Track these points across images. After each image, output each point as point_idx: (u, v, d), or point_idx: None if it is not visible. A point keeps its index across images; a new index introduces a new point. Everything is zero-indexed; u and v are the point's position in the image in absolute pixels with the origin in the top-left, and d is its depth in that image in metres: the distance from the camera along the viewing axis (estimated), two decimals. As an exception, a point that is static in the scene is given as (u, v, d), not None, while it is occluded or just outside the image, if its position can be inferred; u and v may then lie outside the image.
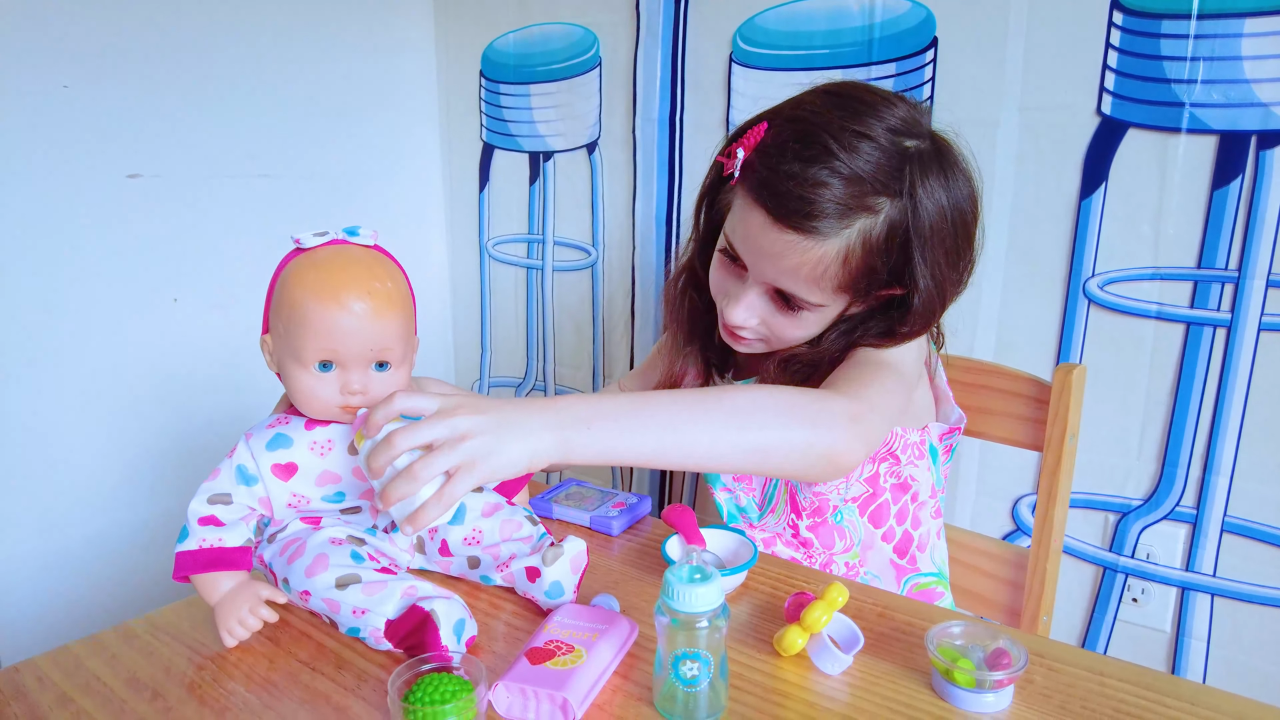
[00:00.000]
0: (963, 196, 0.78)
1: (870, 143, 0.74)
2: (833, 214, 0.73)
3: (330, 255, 0.70)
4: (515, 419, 0.62)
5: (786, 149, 0.75)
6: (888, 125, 0.75)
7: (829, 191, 0.73)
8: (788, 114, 0.79)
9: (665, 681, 0.58)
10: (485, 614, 0.72)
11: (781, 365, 0.84)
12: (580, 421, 0.63)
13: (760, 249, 0.78)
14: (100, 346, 1.26)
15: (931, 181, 0.75)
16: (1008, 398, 0.95)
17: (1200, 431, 1.02)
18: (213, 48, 1.32)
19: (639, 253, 1.47)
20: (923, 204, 0.75)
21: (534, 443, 0.61)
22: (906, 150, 0.75)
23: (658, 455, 0.65)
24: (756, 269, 0.80)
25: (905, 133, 0.75)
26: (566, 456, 0.62)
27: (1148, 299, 1.02)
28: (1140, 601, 1.09)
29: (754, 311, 0.83)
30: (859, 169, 0.73)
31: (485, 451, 0.60)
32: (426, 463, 0.59)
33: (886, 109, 0.76)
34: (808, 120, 0.76)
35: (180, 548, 0.70)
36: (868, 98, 0.77)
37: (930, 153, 0.76)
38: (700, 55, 1.32)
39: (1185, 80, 0.95)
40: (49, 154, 1.18)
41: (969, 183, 0.79)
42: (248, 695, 0.62)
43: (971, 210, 0.79)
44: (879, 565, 0.92)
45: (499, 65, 1.58)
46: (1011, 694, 0.59)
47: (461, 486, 0.60)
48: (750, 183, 0.78)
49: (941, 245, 0.77)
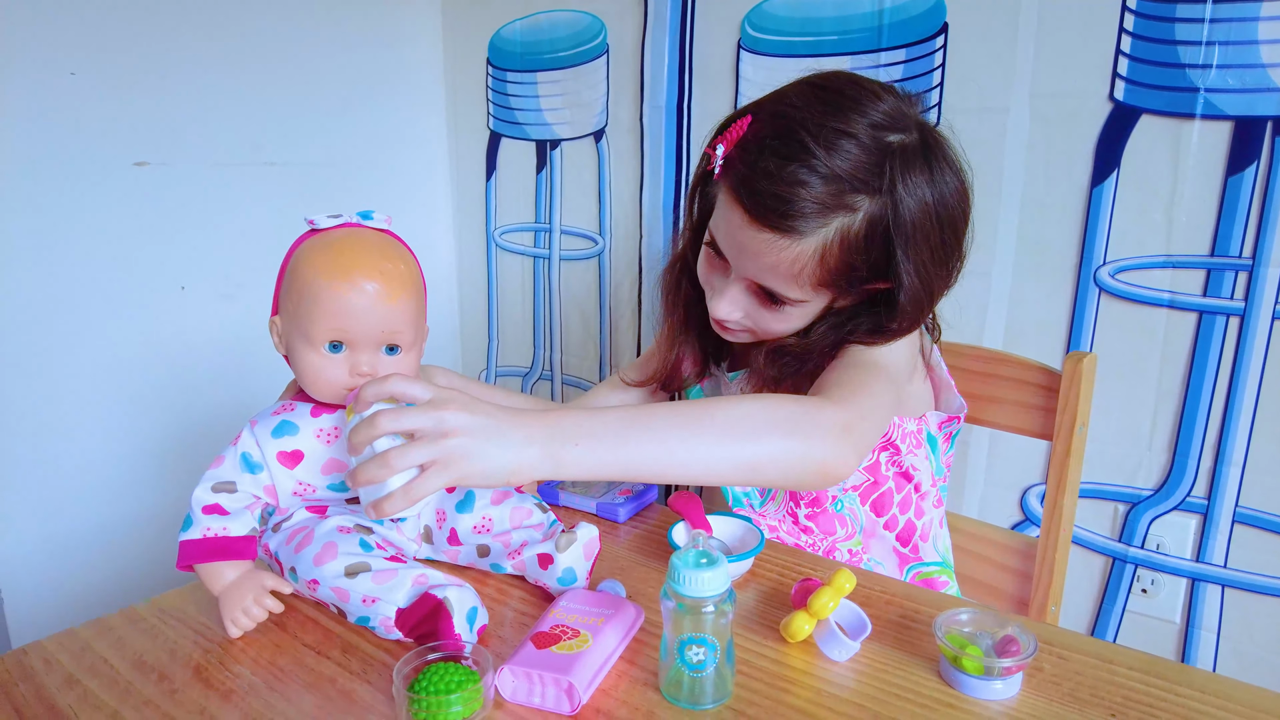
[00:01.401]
0: (949, 191, 0.76)
1: (850, 140, 0.72)
2: (810, 213, 0.73)
3: (343, 236, 0.70)
4: (504, 427, 0.60)
5: (765, 146, 0.74)
6: (871, 121, 0.73)
7: (806, 190, 0.72)
8: (770, 109, 0.78)
9: (671, 667, 0.58)
10: (493, 600, 0.72)
11: (770, 356, 0.84)
12: (570, 437, 0.62)
13: (740, 246, 0.78)
14: (108, 334, 1.26)
15: (915, 177, 0.73)
16: (1017, 386, 0.94)
17: (1212, 421, 1.01)
18: (220, 35, 1.32)
19: (646, 241, 1.46)
20: (904, 201, 0.73)
21: (519, 454, 0.60)
22: (889, 146, 0.73)
23: (649, 470, 0.64)
24: (737, 265, 0.80)
25: (889, 127, 0.74)
26: (555, 471, 0.61)
27: (1160, 287, 1.01)
28: (1150, 592, 1.08)
29: (737, 305, 0.83)
30: (837, 168, 0.72)
31: (464, 453, 0.59)
32: (402, 452, 0.58)
33: (871, 103, 0.74)
34: (788, 117, 0.75)
35: (184, 536, 0.69)
36: (851, 91, 0.75)
37: (915, 147, 0.74)
38: (708, 42, 1.31)
39: (1200, 65, 0.94)
40: (55, 142, 1.18)
41: (957, 176, 0.77)
42: (253, 678, 0.62)
43: (959, 205, 0.77)
44: (881, 553, 0.91)
45: (506, 53, 1.57)
46: (1020, 681, 0.59)
47: (432, 483, 0.58)
48: (730, 180, 0.77)
49: (926, 242, 0.75)
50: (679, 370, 0.96)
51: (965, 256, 0.80)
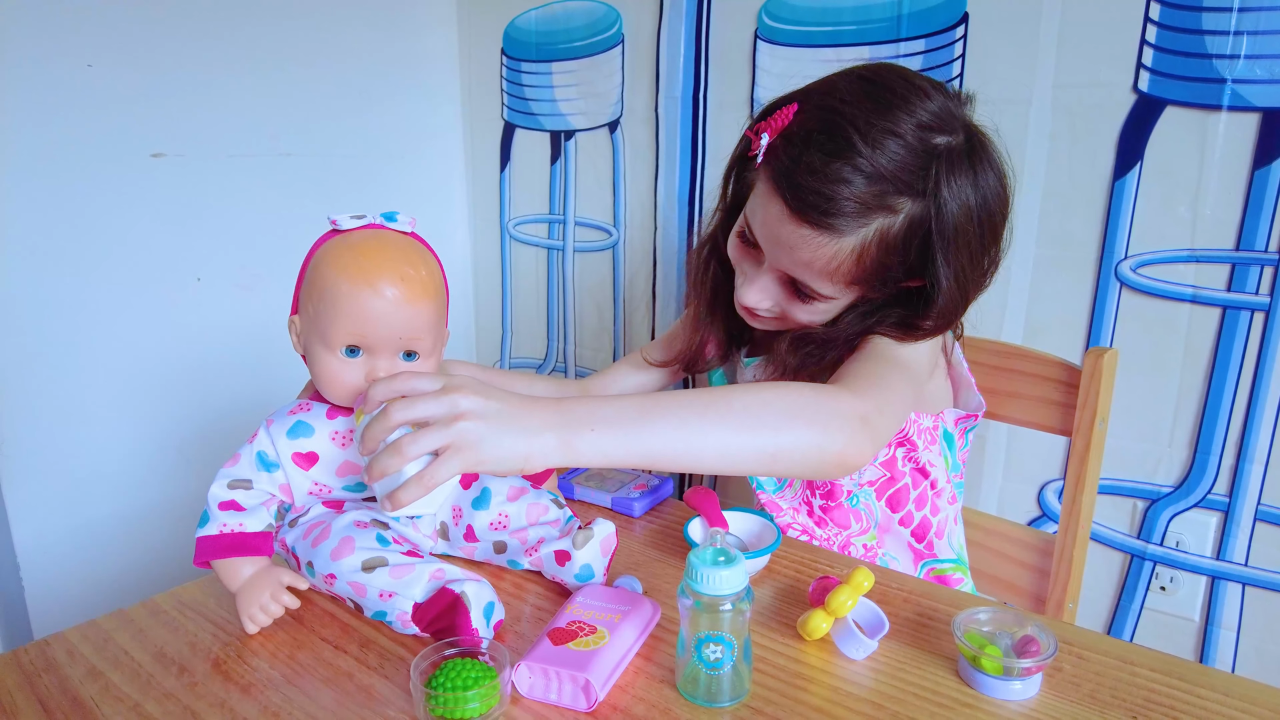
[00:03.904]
0: (991, 195, 0.76)
1: (897, 140, 0.72)
2: (851, 212, 0.72)
3: (366, 238, 0.69)
4: (518, 413, 0.60)
5: (811, 139, 0.73)
6: (918, 121, 0.72)
7: (849, 189, 0.71)
8: (817, 100, 0.77)
9: (688, 664, 0.58)
10: (510, 595, 0.72)
11: (795, 344, 0.83)
12: (585, 423, 0.61)
13: (776, 238, 0.77)
14: (124, 325, 1.27)
15: (959, 180, 0.73)
16: (1037, 381, 0.93)
17: (1235, 418, 0.99)
18: (235, 26, 1.31)
19: (661, 233, 1.45)
20: (947, 204, 0.73)
21: (533, 440, 0.59)
22: (935, 148, 0.73)
23: (665, 458, 0.63)
24: (771, 256, 0.79)
25: (937, 128, 0.73)
26: (570, 458, 0.60)
27: (1183, 282, 1.00)
28: (1168, 590, 1.07)
29: (767, 295, 0.82)
30: (882, 168, 0.71)
31: (478, 437, 0.58)
32: (414, 438, 0.58)
33: (920, 102, 0.73)
34: (836, 111, 0.74)
35: (201, 533, 0.69)
36: (901, 88, 0.74)
37: (960, 150, 0.74)
38: (725, 32, 1.30)
39: (1228, 55, 0.92)
40: (72, 133, 1.18)
41: (1000, 180, 0.77)
42: (272, 672, 0.63)
43: (1000, 209, 0.77)
44: (896, 548, 0.91)
45: (520, 43, 1.56)
46: (1040, 682, 0.58)
47: (446, 469, 0.58)
48: (772, 169, 0.76)
49: (966, 246, 0.75)
50: (703, 352, 0.96)
51: (1001, 260, 0.80)
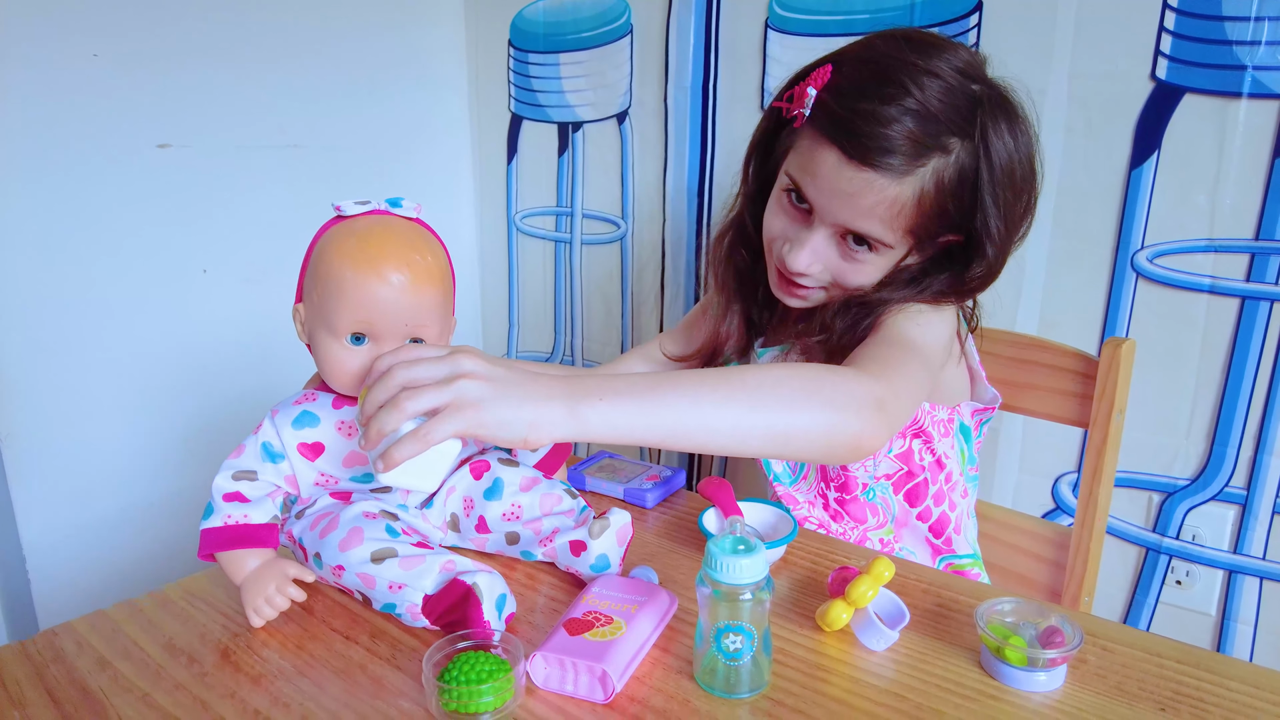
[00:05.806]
0: (1027, 145, 0.78)
1: (941, 82, 0.74)
2: (908, 151, 0.74)
3: (371, 225, 0.68)
4: (524, 379, 0.59)
5: (862, 87, 0.75)
6: (954, 67, 0.75)
7: (903, 127, 0.73)
8: (857, 55, 0.79)
9: (707, 654, 0.57)
10: (522, 587, 0.71)
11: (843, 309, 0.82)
12: (594, 393, 0.59)
13: (834, 189, 0.77)
14: (130, 317, 1.26)
15: (1000, 126, 0.76)
16: (1052, 373, 0.92)
17: (1253, 410, 0.98)
18: (242, 17, 1.31)
19: (670, 225, 1.44)
20: (994, 147, 0.75)
21: (540, 408, 0.58)
22: (975, 94, 0.76)
23: (676, 434, 0.61)
24: (828, 210, 0.79)
25: (972, 77, 0.76)
26: (577, 429, 0.59)
27: (1200, 272, 0.99)
28: (1184, 583, 1.06)
29: (818, 256, 0.82)
30: (934, 107, 0.73)
31: (479, 398, 0.56)
32: (414, 394, 0.57)
33: (952, 52, 0.76)
34: (880, 60, 0.76)
35: (205, 525, 0.68)
36: (936, 41, 0.78)
37: (997, 99, 0.77)
38: (735, 21, 1.29)
39: (1248, 42, 0.91)
40: (78, 124, 1.17)
41: (1028, 133, 0.79)
42: (281, 663, 0.62)
43: (1032, 162, 0.80)
44: (914, 543, 0.90)
45: (528, 34, 1.55)
46: (1064, 673, 0.57)
47: (444, 426, 0.56)
48: (822, 122, 0.77)
49: (1011, 189, 0.77)
50: (726, 344, 0.95)
51: (1033, 217, 0.82)
